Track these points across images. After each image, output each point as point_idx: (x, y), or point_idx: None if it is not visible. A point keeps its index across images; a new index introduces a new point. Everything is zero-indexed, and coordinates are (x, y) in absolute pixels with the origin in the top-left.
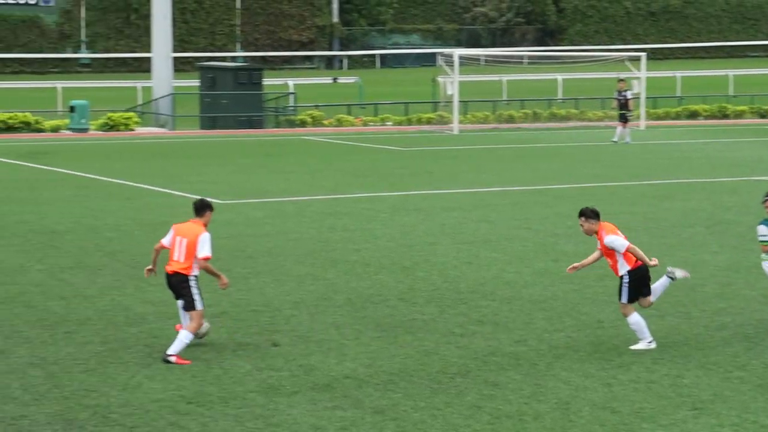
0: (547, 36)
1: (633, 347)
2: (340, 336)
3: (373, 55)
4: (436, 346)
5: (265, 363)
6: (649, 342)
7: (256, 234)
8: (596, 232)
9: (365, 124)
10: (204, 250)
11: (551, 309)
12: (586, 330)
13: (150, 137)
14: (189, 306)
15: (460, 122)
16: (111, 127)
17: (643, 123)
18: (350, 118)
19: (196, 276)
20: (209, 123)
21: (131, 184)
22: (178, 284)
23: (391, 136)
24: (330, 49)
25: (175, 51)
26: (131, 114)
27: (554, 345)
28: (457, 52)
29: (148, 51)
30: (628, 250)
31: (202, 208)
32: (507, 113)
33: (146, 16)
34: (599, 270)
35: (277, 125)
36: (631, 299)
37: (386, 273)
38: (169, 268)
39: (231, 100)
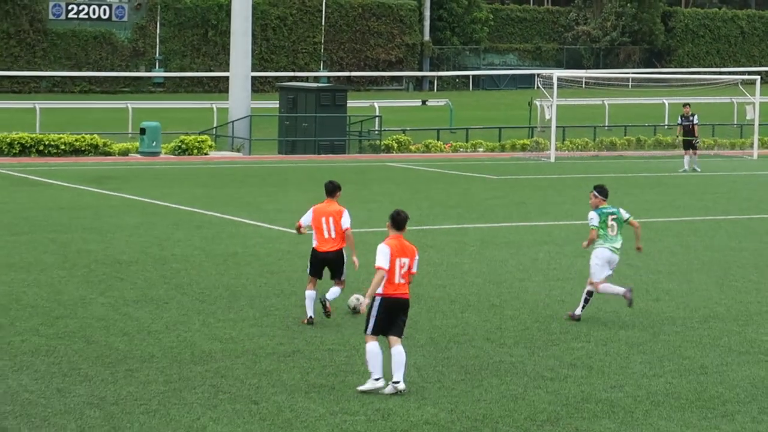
0: (654, 57)
1: (360, 388)
2: (421, 378)
3: (466, 76)
4: (525, 391)
5: (340, 406)
6: (377, 379)
7: None
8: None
9: (455, 150)
10: (346, 222)
11: (650, 352)
12: (688, 375)
13: (224, 162)
14: (339, 275)
15: (558, 149)
16: (183, 150)
17: (756, 152)
18: (439, 143)
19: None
20: (288, 147)
21: (202, 211)
22: (337, 259)
23: (483, 163)
24: (420, 69)
25: (254, 70)
26: (205, 137)
27: (652, 391)
28: (557, 73)
29: (226, 70)
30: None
31: (333, 189)
32: (608, 140)
33: (225, 33)
34: (704, 311)
35: (361, 150)
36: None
37: (473, 311)
38: (323, 248)
39: (312, 123)
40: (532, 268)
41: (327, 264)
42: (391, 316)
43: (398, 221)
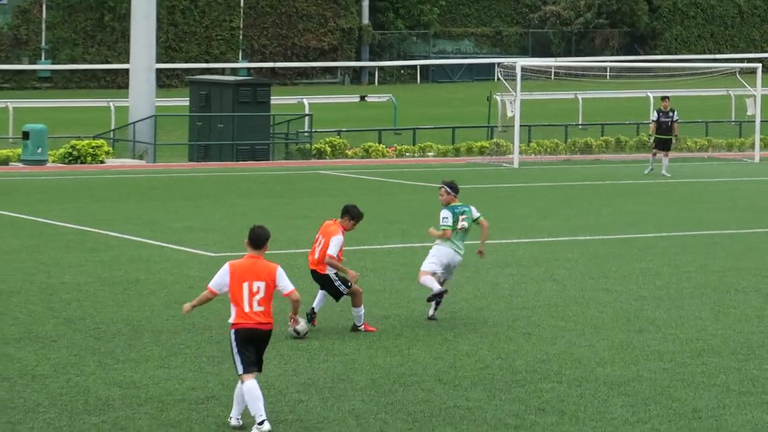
0: (636, 42)
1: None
2: (361, 428)
3: (413, 67)
4: None
5: None
6: (261, 423)
7: None
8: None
9: (400, 154)
10: (330, 249)
11: (634, 393)
12: (678, 421)
13: (124, 171)
14: (337, 296)
15: (522, 152)
16: (75, 158)
17: (757, 154)
18: (381, 147)
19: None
20: (200, 153)
21: (97, 231)
22: (319, 280)
23: (433, 170)
24: (357, 59)
25: (159, 61)
26: (101, 142)
27: None
28: (521, 62)
29: (125, 61)
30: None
31: (345, 212)
32: (582, 141)
33: (124, 17)
34: (697, 343)
35: (288, 156)
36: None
37: (421, 346)
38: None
39: (229, 124)
40: (492, 294)
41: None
42: (250, 348)
43: (253, 238)
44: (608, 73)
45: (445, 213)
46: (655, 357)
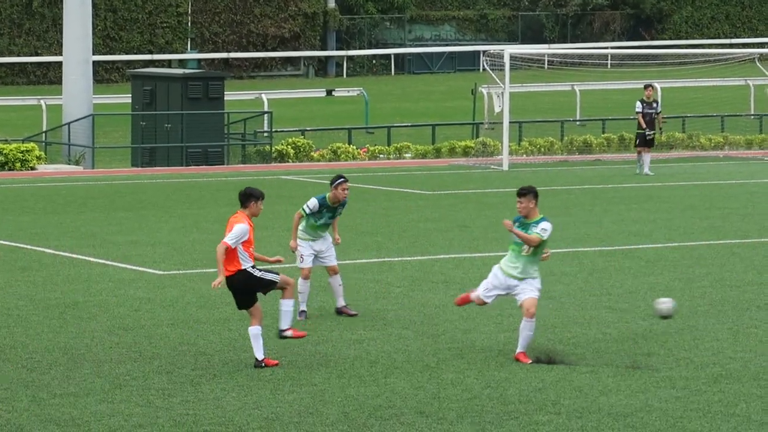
0: (641, 25)
1: None
2: None
3: (386, 56)
4: None
5: None
6: None
7: (210, 319)
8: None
9: (373, 156)
10: (227, 237)
11: (642, 426)
12: None
13: (58, 179)
14: (266, 287)
15: (513, 153)
16: (2, 164)
17: None
18: (351, 148)
19: (245, 268)
20: (145, 158)
21: (29, 247)
22: (239, 284)
23: (411, 173)
24: (323, 48)
25: (96, 53)
26: (31, 146)
27: None
28: (510, 49)
29: (58, 53)
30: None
31: (245, 198)
32: (581, 139)
33: (55, 3)
34: (713, 368)
35: (245, 159)
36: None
37: (400, 375)
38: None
39: (177, 124)
40: (479, 315)
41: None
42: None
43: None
44: (609, 62)
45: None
46: (666, 384)
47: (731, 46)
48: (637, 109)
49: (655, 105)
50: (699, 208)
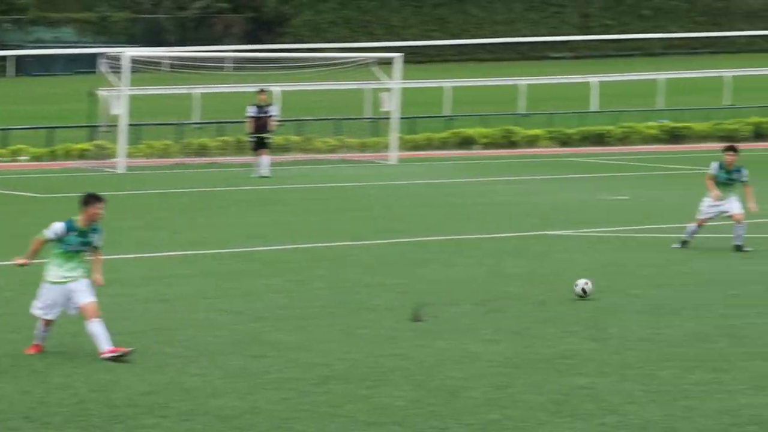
0: (261, 29)
1: None
2: None
3: (3, 58)
4: None
5: None
6: None
7: None
8: None
9: None
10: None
11: (249, 427)
12: None
13: None
14: None
15: (130, 155)
16: None
17: (394, 154)
18: None
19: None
20: None
21: None
22: None
23: (27, 176)
24: None
25: None
26: None
27: None
28: (129, 52)
29: None
30: None
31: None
32: (198, 142)
33: None
34: (321, 369)
35: None
36: None
37: (7, 379)
38: None
39: None
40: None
41: None
42: None
43: None
44: (229, 64)
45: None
46: (276, 386)
47: (350, 50)
48: (249, 113)
49: (268, 109)
50: (316, 210)
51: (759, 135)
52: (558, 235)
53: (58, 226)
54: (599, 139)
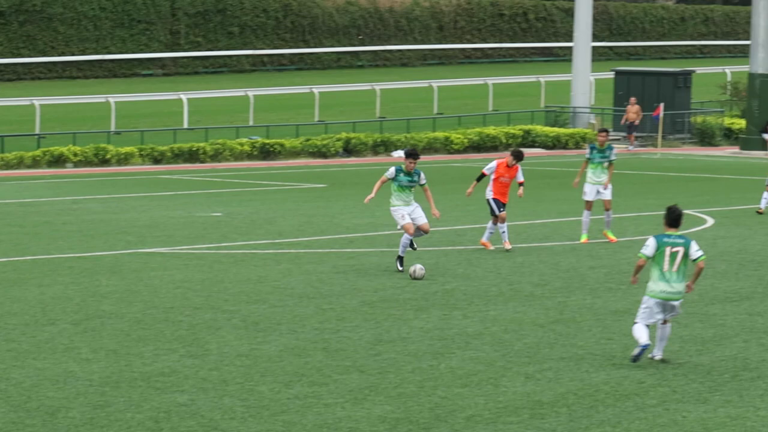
0: None
1: None
2: None
3: None
4: None
5: None
6: None
7: None
8: None
9: None
10: None
11: None
12: None
13: None
14: None
15: None
16: None
17: None
18: None
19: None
20: None
21: None
22: None
23: None
24: None
25: None
26: None
27: None
28: None
29: None
30: None
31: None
32: None
33: None
34: None
35: None
36: None
37: None
38: None
39: None
40: None
41: None
42: None
43: None
44: None
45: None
46: None
47: None
48: None
49: None
50: None
51: (348, 150)
52: (153, 252)
53: None
54: (192, 156)
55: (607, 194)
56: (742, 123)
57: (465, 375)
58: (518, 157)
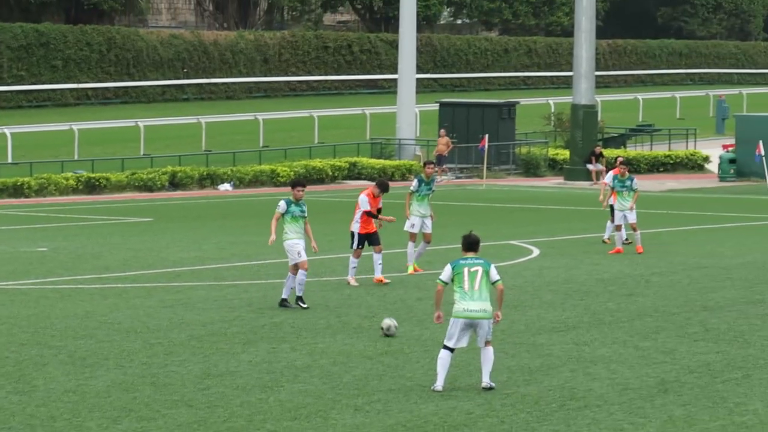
0: None
1: None
2: None
3: None
4: None
5: None
6: None
7: None
8: None
9: None
10: None
11: None
12: None
13: None
14: None
15: None
16: None
17: None
18: None
19: None
20: None
21: None
22: None
23: None
24: None
25: None
26: None
27: None
28: None
29: None
30: None
31: None
32: None
33: None
34: None
35: None
36: None
37: None
38: None
39: None
40: None
41: None
42: None
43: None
44: None
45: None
46: None
47: None
48: None
49: None
50: None
51: (174, 184)
52: None
53: None
54: (17, 191)
55: (428, 226)
56: (566, 153)
57: (294, 408)
58: (383, 188)
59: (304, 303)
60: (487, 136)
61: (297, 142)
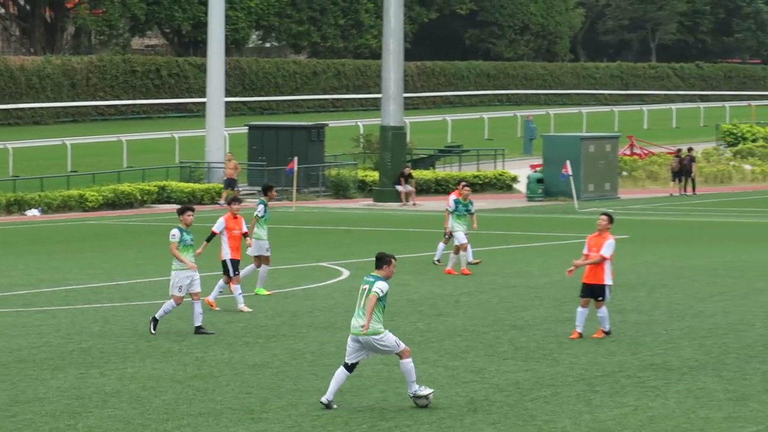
0: None
1: None
2: None
3: None
4: None
5: None
6: None
7: None
8: None
9: None
10: None
11: None
12: None
13: None
14: None
15: None
16: None
17: None
18: None
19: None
20: None
21: None
22: None
23: None
24: None
25: None
26: None
27: None
28: None
29: None
30: None
31: None
32: None
33: None
34: None
35: None
36: None
37: None
38: None
39: None
40: None
41: None
42: None
43: None
44: None
45: None
46: None
47: None
48: None
49: None
50: None
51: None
52: None
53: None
54: None
55: (265, 251)
56: (375, 175)
57: None
58: (237, 202)
59: (154, 329)
60: (296, 158)
61: (106, 167)
